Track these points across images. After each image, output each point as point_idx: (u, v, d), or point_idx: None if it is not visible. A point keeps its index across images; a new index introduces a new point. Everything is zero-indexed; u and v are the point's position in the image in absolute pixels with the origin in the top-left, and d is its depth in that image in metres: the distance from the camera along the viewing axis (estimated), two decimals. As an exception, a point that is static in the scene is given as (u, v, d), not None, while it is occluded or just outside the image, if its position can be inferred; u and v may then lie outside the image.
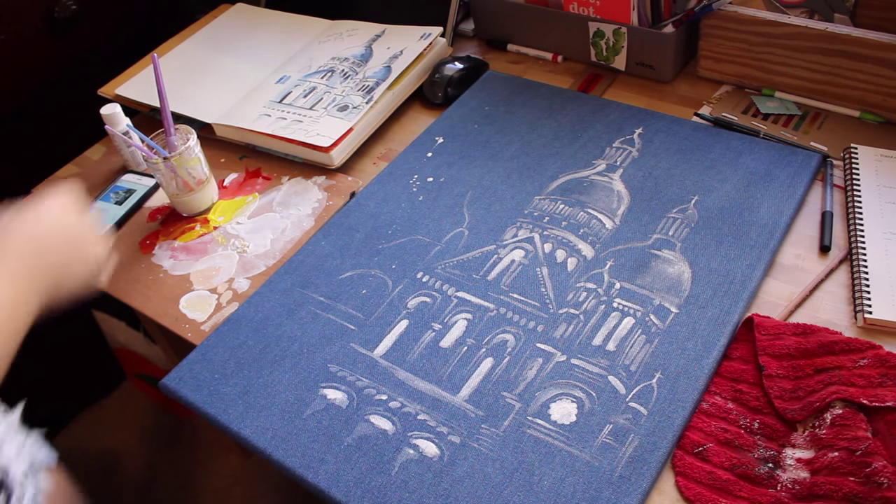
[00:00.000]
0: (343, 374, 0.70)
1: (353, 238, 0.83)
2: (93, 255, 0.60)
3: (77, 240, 0.60)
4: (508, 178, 0.87)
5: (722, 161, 0.83)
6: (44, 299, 0.56)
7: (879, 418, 0.58)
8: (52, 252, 0.57)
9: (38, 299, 0.55)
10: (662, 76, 0.98)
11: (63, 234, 0.58)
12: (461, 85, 1.02)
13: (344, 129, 0.93)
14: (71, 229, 0.59)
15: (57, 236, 0.58)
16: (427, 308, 0.74)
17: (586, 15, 0.99)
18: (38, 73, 1.13)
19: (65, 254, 0.58)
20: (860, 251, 0.71)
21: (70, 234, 0.59)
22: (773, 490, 0.57)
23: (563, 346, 0.69)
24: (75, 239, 0.59)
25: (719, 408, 0.63)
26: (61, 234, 0.58)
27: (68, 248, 0.59)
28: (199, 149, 0.88)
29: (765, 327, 0.66)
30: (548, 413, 0.64)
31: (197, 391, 0.71)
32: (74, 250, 0.59)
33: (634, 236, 0.77)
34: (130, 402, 1.50)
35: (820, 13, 0.89)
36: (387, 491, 0.61)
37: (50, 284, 0.56)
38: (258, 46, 1.14)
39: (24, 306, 0.54)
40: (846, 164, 0.81)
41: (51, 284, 0.56)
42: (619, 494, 0.58)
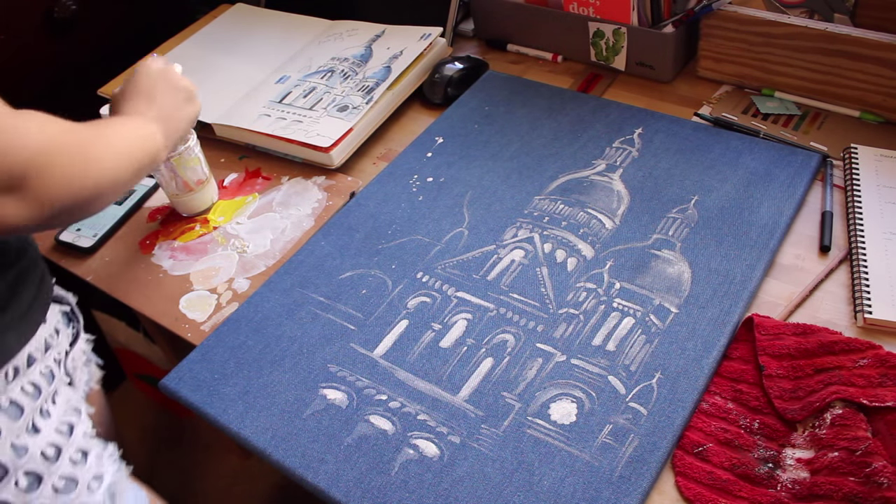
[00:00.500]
0: (343, 374, 0.70)
1: (353, 238, 0.83)
2: (189, 95, 0.77)
3: (176, 84, 0.76)
4: (508, 178, 0.87)
5: (722, 161, 0.83)
6: (166, 130, 0.71)
7: (879, 418, 0.58)
8: (160, 93, 0.73)
9: (162, 132, 0.70)
10: (662, 76, 0.98)
11: (165, 81, 0.75)
12: (461, 85, 1.02)
13: (344, 129, 0.93)
14: (170, 77, 0.75)
15: (160, 85, 0.74)
16: (427, 308, 0.74)
17: (586, 15, 0.99)
18: (38, 73, 1.13)
19: (169, 93, 0.74)
20: (860, 251, 0.71)
21: (170, 81, 0.75)
22: (773, 490, 0.57)
23: (563, 346, 0.69)
24: (174, 84, 0.75)
25: (719, 408, 0.63)
26: (163, 83, 0.74)
27: (171, 90, 0.75)
28: (198, 149, 0.88)
29: (765, 327, 0.66)
30: (548, 413, 0.64)
31: (197, 391, 0.71)
32: (175, 90, 0.75)
33: (634, 236, 0.77)
34: (130, 402, 1.50)
35: (820, 13, 0.89)
36: (387, 491, 0.61)
37: (168, 119, 0.72)
38: (258, 46, 1.14)
39: (150, 133, 0.68)
40: (846, 164, 0.81)
41: (168, 119, 0.72)
42: (619, 494, 0.58)
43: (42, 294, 0.61)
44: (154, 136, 0.68)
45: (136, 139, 0.64)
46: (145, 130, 0.67)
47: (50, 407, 0.59)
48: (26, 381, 0.58)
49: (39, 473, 0.55)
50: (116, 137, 0.61)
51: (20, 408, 0.56)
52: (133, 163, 0.61)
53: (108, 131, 0.61)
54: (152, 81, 0.74)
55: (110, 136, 0.60)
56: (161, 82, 0.74)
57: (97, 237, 0.90)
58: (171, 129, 0.72)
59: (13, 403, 0.56)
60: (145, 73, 0.75)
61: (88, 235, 0.90)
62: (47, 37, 1.12)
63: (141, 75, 0.75)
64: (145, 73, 0.75)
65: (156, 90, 0.73)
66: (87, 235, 0.90)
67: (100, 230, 0.90)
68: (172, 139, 0.72)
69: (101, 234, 0.90)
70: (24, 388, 0.57)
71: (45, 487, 0.55)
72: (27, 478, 0.54)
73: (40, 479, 0.55)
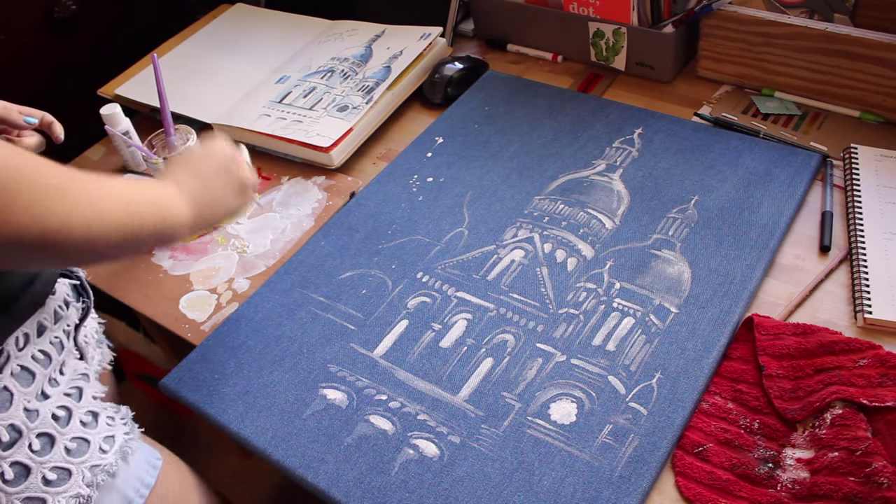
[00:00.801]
0: (343, 374, 0.70)
1: (353, 238, 0.83)
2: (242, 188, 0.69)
3: (232, 171, 0.68)
4: (508, 178, 0.87)
5: (722, 161, 0.83)
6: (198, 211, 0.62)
7: (879, 418, 0.58)
8: (211, 174, 0.66)
9: (191, 209, 0.61)
10: (662, 76, 0.98)
11: (220, 166, 0.68)
12: (461, 85, 1.02)
13: (344, 129, 0.93)
14: (227, 164, 0.68)
15: (216, 166, 0.67)
16: (427, 308, 0.74)
17: (586, 15, 0.99)
18: (38, 73, 1.13)
19: (220, 177, 0.67)
20: (860, 251, 0.71)
21: (228, 166, 0.68)
22: (773, 490, 0.57)
23: (563, 346, 0.69)
24: (231, 170, 0.68)
25: (719, 408, 0.63)
26: (219, 165, 0.67)
27: (224, 174, 0.67)
28: (199, 149, 0.88)
29: (765, 327, 0.66)
30: (548, 413, 0.64)
31: (197, 391, 0.71)
32: (228, 177, 0.68)
33: (634, 236, 0.77)
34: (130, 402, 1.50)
35: (820, 13, 0.89)
36: (387, 491, 0.61)
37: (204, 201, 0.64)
38: (258, 46, 1.14)
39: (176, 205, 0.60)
40: (846, 164, 0.81)
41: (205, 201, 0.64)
42: (619, 494, 0.58)
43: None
44: (179, 209, 0.60)
45: (150, 200, 0.57)
46: (169, 199, 0.60)
47: (58, 376, 0.61)
48: (36, 350, 0.59)
49: (52, 435, 0.56)
50: (121, 188, 0.54)
51: (32, 374, 0.58)
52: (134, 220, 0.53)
53: (115, 182, 0.54)
54: (209, 160, 0.68)
55: (114, 185, 0.53)
56: (217, 163, 0.68)
57: (97, 237, 0.89)
58: (205, 213, 0.64)
59: (25, 369, 0.57)
60: (206, 149, 0.69)
61: (88, 235, 0.90)
62: (47, 37, 1.12)
63: (201, 149, 0.69)
64: (207, 148, 0.69)
65: (208, 169, 0.67)
66: (87, 235, 0.90)
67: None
68: (202, 222, 0.64)
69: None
70: (34, 356, 0.58)
71: (57, 449, 0.56)
72: (40, 440, 0.56)
73: (53, 441, 0.56)
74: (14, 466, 0.54)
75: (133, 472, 0.63)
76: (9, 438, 0.54)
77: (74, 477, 0.57)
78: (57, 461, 0.56)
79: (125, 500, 0.62)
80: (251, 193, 0.72)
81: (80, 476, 0.57)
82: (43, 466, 0.55)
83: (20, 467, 0.54)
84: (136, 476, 0.63)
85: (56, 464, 0.56)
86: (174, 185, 0.62)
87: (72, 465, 0.57)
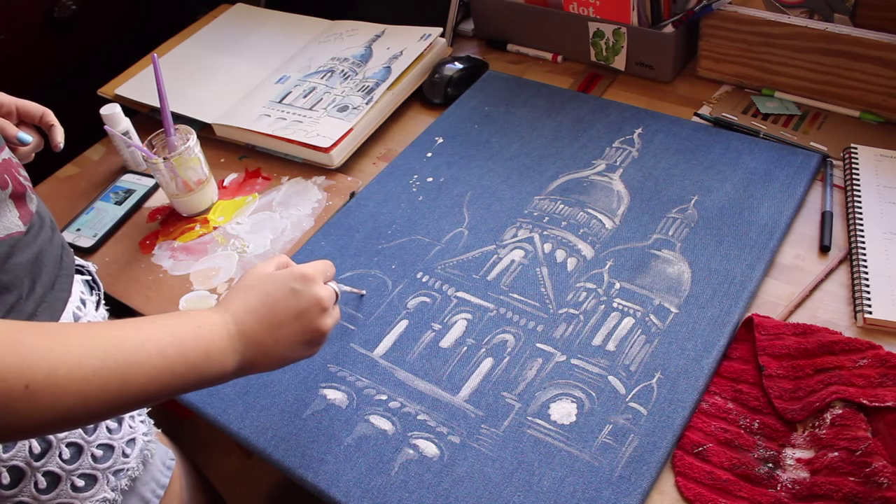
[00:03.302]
0: (343, 375, 0.70)
1: (353, 238, 0.83)
2: (316, 340, 0.56)
3: (311, 321, 0.54)
4: (508, 178, 0.87)
5: (722, 161, 0.83)
6: (248, 363, 0.52)
7: (879, 418, 0.58)
8: (282, 322, 0.53)
9: (240, 360, 0.51)
10: (662, 76, 0.98)
11: (298, 311, 0.54)
12: (461, 85, 1.02)
13: (344, 129, 0.93)
14: (307, 307, 0.54)
15: (293, 309, 0.53)
16: (427, 308, 0.74)
17: (586, 15, 0.99)
18: (38, 73, 1.13)
19: (295, 325, 0.53)
20: (860, 251, 0.71)
21: (305, 312, 0.54)
22: (773, 490, 0.57)
23: (563, 346, 0.69)
24: (310, 320, 0.54)
25: (719, 408, 0.63)
26: (297, 309, 0.54)
27: (298, 325, 0.54)
28: (198, 149, 0.88)
29: (765, 327, 0.66)
30: (547, 413, 0.64)
31: (196, 391, 0.71)
32: (304, 328, 0.54)
33: (634, 236, 0.77)
34: (130, 403, 1.50)
35: (820, 13, 0.89)
36: (387, 491, 0.61)
37: (260, 351, 0.52)
38: (258, 46, 1.13)
39: (216, 358, 0.49)
40: (846, 164, 0.81)
41: (261, 352, 0.52)
42: (619, 494, 0.58)
43: (64, 267, 0.61)
44: (221, 359, 0.49)
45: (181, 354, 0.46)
46: (212, 343, 0.49)
47: None
48: None
49: (80, 444, 0.57)
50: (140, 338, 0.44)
51: None
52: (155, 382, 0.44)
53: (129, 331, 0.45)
54: (287, 300, 0.53)
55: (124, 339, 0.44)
56: (295, 306, 0.53)
57: (97, 237, 0.90)
58: (256, 364, 0.52)
59: None
60: (288, 281, 0.54)
61: (88, 235, 0.90)
62: (47, 37, 1.12)
63: (282, 280, 0.54)
64: (289, 280, 0.54)
65: (280, 311, 0.53)
66: (87, 235, 0.90)
67: (100, 230, 0.90)
68: (248, 373, 0.52)
69: (101, 234, 0.90)
70: None
71: (85, 457, 0.57)
72: (69, 449, 0.56)
73: (81, 450, 0.57)
74: (47, 476, 0.54)
75: (151, 475, 0.64)
76: (40, 450, 0.54)
77: (100, 482, 0.58)
78: (85, 468, 0.57)
79: (143, 502, 0.62)
80: (323, 343, 0.57)
81: (106, 481, 0.58)
82: (72, 474, 0.56)
83: (52, 476, 0.55)
84: (153, 478, 0.64)
85: (84, 471, 0.57)
86: (231, 323, 0.51)
87: (98, 471, 0.58)
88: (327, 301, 0.56)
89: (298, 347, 0.54)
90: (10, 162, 0.56)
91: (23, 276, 0.54)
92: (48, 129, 0.72)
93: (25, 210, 0.56)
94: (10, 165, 0.56)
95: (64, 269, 0.60)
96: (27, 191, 0.57)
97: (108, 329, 0.45)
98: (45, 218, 0.60)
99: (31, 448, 0.53)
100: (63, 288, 0.59)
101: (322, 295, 0.55)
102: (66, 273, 0.60)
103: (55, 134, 0.73)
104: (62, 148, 0.74)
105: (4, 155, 0.56)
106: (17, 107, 0.70)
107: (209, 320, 0.50)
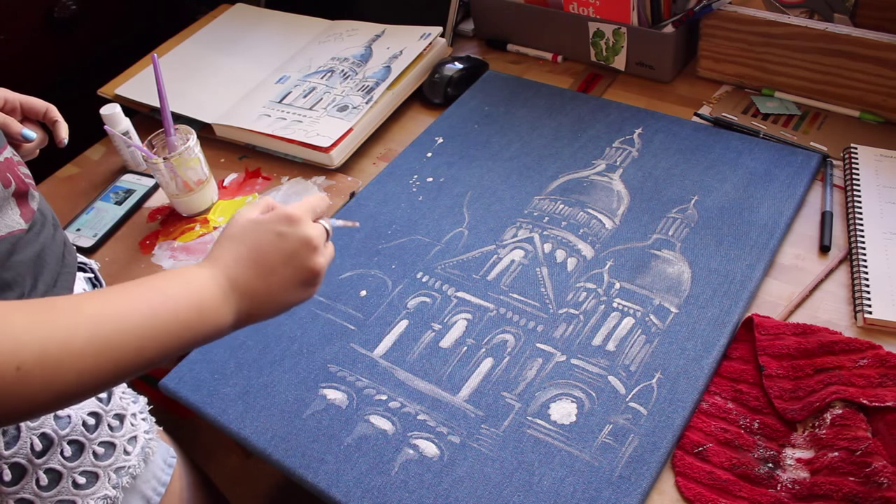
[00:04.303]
0: (343, 374, 0.70)
1: (353, 238, 0.83)
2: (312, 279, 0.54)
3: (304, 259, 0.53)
4: (508, 178, 0.87)
5: (722, 161, 0.83)
6: (246, 312, 0.51)
7: (879, 418, 0.58)
8: (273, 267, 0.51)
9: (236, 311, 0.50)
10: (662, 76, 0.98)
11: (289, 252, 0.52)
12: (461, 85, 1.02)
13: (344, 129, 0.93)
14: (298, 248, 0.52)
15: (283, 251, 0.52)
16: (427, 308, 0.74)
17: (586, 15, 0.99)
18: (38, 73, 1.13)
19: (288, 266, 0.52)
20: (860, 251, 0.71)
21: (296, 253, 0.52)
22: (773, 490, 0.57)
23: (563, 346, 0.69)
24: (303, 258, 0.53)
25: (719, 408, 0.63)
26: (287, 251, 0.52)
27: (290, 267, 0.52)
28: (198, 149, 0.88)
29: (765, 327, 0.66)
30: (547, 413, 0.64)
31: (197, 391, 0.71)
32: (298, 266, 0.52)
33: (634, 236, 0.77)
34: (130, 403, 1.50)
35: (820, 13, 0.89)
36: (387, 491, 0.61)
37: (257, 298, 0.51)
38: (258, 46, 1.13)
39: (215, 307, 0.48)
40: (846, 164, 0.81)
41: (258, 299, 0.51)
42: (619, 494, 0.58)
43: (66, 265, 0.61)
44: (218, 312, 0.48)
45: (176, 309, 0.46)
46: (207, 300, 0.48)
47: None
48: None
49: (81, 442, 0.57)
50: (131, 300, 0.44)
51: None
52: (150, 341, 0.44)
53: (115, 296, 0.44)
54: (276, 243, 0.52)
55: (110, 302, 0.43)
56: (285, 249, 0.52)
57: (97, 237, 0.90)
58: (254, 313, 0.51)
59: None
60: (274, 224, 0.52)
61: (88, 235, 0.90)
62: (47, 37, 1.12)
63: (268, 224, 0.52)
64: (276, 223, 0.52)
65: (271, 256, 0.51)
66: (87, 235, 0.90)
67: (100, 230, 0.90)
68: (248, 323, 0.51)
69: (101, 233, 0.90)
70: None
71: (86, 454, 0.57)
72: (71, 447, 0.56)
73: (82, 448, 0.57)
74: (48, 473, 0.55)
75: (152, 473, 0.64)
76: (41, 447, 0.54)
77: (102, 480, 0.58)
78: (86, 466, 0.57)
79: (145, 500, 0.63)
80: (320, 283, 0.55)
81: (107, 478, 0.58)
82: (73, 472, 0.56)
83: (53, 473, 0.55)
84: (154, 476, 0.64)
85: (85, 468, 0.57)
86: (221, 276, 0.50)
87: (99, 468, 0.58)
88: (317, 240, 0.53)
89: (294, 290, 0.53)
90: (12, 160, 0.56)
91: (25, 273, 0.55)
92: (52, 126, 0.72)
93: (27, 208, 0.57)
94: (13, 164, 0.56)
95: (66, 267, 0.60)
96: (29, 189, 0.58)
97: (95, 297, 0.44)
98: (48, 215, 0.60)
99: (32, 445, 0.54)
100: (65, 285, 0.59)
101: (311, 234, 0.53)
102: (69, 271, 0.60)
103: (59, 130, 0.72)
104: (66, 144, 0.74)
105: (7, 153, 0.56)
106: (21, 103, 0.70)
107: (197, 275, 0.49)
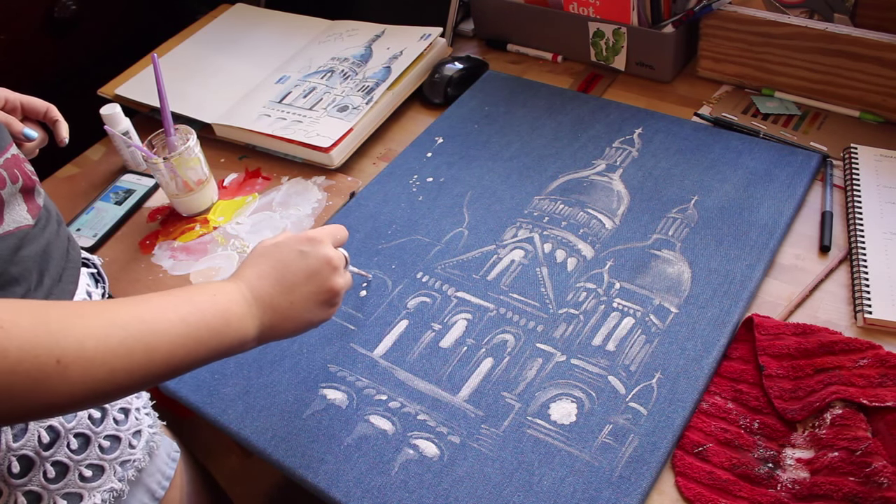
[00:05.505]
0: (343, 375, 0.70)
1: (353, 238, 0.83)
2: (332, 299, 0.57)
3: (324, 280, 0.56)
4: (508, 178, 0.87)
5: (722, 161, 0.83)
6: (269, 327, 0.53)
7: (879, 418, 0.58)
8: (295, 285, 0.54)
9: (259, 326, 0.52)
10: (662, 76, 0.98)
11: (310, 271, 0.55)
12: (461, 85, 1.02)
13: (344, 129, 0.93)
14: (319, 267, 0.56)
15: (304, 270, 0.55)
16: (427, 308, 0.74)
17: (586, 15, 0.99)
18: (38, 73, 1.14)
19: (310, 284, 0.55)
20: (860, 251, 0.71)
21: (317, 272, 0.55)
22: (773, 490, 0.57)
23: (563, 346, 0.69)
24: (324, 279, 0.56)
25: (719, 408, 0.63)
26: (309, 270, 0.55)
27: (311, 285, 0.55)
28: (198, 149, 0.88)
29: (765, 327, 0.66)
30: (547, 413, 0.64)
31: (197, 391, 0.71)
32: (319, 287, 0.55)
33: (634, 236, 0.77)
34: (130, 403, 1.50)
35: (820, 13, 0.89)
36: (387, 491, 0.61)
37: (279, 314, 0.53)
38: (258, 46, 1.14)
39: (235, 324, 0.50)
40: (846, 164, 0.81)
41: (280, 315, 0.53)
42: (619, 494, 0.58)
43: (71, 260, 0.61)
44: (242, 325, 0.50)
45: (201, 320, 0.47)
46: (231, 312, 0.49)
47: None
48: None
49: (88, 435, 0.57)
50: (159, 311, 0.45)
51: None
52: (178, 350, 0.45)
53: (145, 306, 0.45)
54: (297, 262, 0.55)
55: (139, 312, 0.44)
56: (306, 267, 0.55)
57: (97, 237, 0.90)
58: (277, 329, 0.53)
59: None
60: (296, 244, 0.56)
61: (88, 235, 0.90)
62: (47, 37, 1.12)
63: (290, 245, 0.56)
64: (297, 243, 0.56)
65: (293, 273, 0.54)
66: (87, 235, 0.90)
67: (100, 230, 0.90)
68: (271, 338, 0.54)
69: (101, 233, 0.90)
70: None
71: (92, 447, 0.58)
72: (77, 440, 0.57)
73: (88, 441, 0.57)
74: (55, 465, 0.55)
75: (157, 466, 0.64)
76: (48, 440, 0.55)
77: (108, 473, 0.58)
78: (92, 459, 0.57)
79: (150, 493, 0.63)
80: (339, 305, 0.58)
81: (113, 471, 0.59)
82: (80, 464, 0.57)
83: (60, 466, 0.56)
84: (159, 470, 0.65)
85: (91, 461, 0.57)
86: (246, 290, 0.52)
87: (105, 461, 0.58)
88: (337, 261, 0.57)
89: (315, 308, 0.56)
90: (18, 157, 0.57)
91: (31, 268, 0.55)
92: (53, 125, 0.73)
93: (34, 204, 0.57)
94: (19, 160, 0.57)
95: (70, 262, 0.61)
96: (35, 185, 0.58)
97: (127, 303, 0.46)
98: (52, 212, 0.61)
99: (39, 438, 0.54)
100: (70, 280, 0.60)
101: (332, 255, 0.56)
102: (73, 266, 0.61)
103: (60, 129, 0.73)
104: (67, 143, 0.74)
105: (13, 151, 0.56)
106: (22, 103, 0.71)
107: (223, 288, 0.51)
